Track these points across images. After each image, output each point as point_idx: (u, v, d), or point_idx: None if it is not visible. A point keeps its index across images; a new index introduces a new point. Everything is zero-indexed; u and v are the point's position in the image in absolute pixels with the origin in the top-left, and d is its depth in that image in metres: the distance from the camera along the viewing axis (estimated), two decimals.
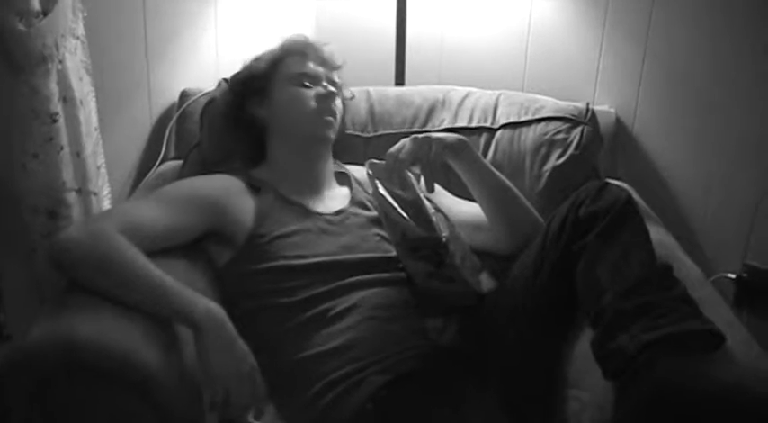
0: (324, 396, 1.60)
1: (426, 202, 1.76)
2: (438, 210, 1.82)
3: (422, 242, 1.72)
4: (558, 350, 1.70)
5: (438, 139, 1.80)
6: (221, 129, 2.10)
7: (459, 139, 1.84)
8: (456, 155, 1.83)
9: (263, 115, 2.01)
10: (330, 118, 1.96)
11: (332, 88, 1.97)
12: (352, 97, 2.17)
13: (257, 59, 2.05)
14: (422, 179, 1.79)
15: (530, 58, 2.52)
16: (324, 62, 2.03)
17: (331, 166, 2.04)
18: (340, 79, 2.06)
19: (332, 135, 1.98)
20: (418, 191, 1.78)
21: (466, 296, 1.77)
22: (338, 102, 2.01)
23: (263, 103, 2.00)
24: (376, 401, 1.56)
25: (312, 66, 2.00)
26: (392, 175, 1.80)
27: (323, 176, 2.00)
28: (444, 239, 1.71)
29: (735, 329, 1.48)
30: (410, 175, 1.80)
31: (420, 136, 1.81)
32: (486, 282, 1.82)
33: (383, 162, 1.82)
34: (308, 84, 1.98)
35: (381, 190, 1.79)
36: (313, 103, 1.95)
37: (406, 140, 1.81)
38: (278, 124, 1.99)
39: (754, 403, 1.30)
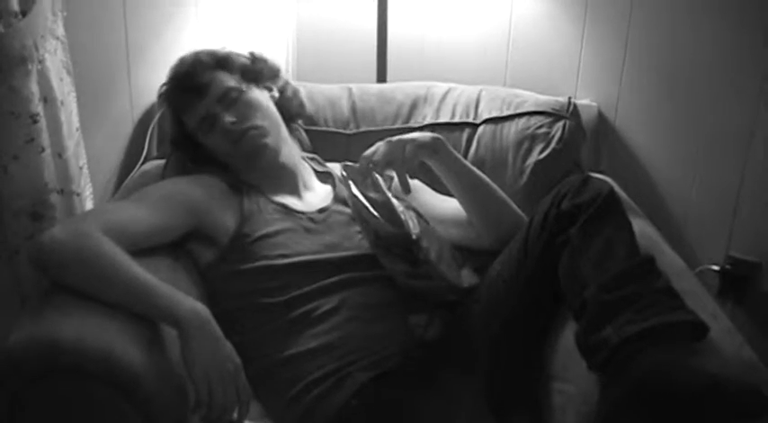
0: (308, 393, 1.60)
1: (395, 202, 1.76)
2: (410, 208, 1.81)
3: (393, 240, 1.72)
4: (542, 343, 1.71)
5: (412, 140, 1.80)
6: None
7: (435, 138, 1.84)
8: (432, 154, 1.83)
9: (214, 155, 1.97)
10: (248, 136, 1.89)
11: (227, 119, 1.89)
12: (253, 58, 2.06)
13: (169, 124, 2.05)
14: (395, 181, 1.80)
15: (511, 53, 2.52)
16: (198, 93, 1.92)
17: (300, 161, 2.02)
18: (237, 79, 1.96)
19: (266, 141, 1.91)
20: (387, 192, 1.78)
21: (448, 292, 1.77)
22: (242, 103, 1.92)
23: (204, 152, 1.98)
24: (361, 398, 1.56)
25: (196, 109, 1.93)
26: (365, 177, 1.80)
27: (298, 175, 1.98)
28: (414, 236, 1.71)
29: (718, 320, 1.49)
30: (379, 177, 1.80)
31: (394, 138, 1.81)
32: (467, 277, 1.82)
33: (358, 165, 1.81)
34: (208, 128, 1.92)
35: (354, 191, 1.79)
36: (227, 144, 1.91)
37: (380, 143, 1.81)
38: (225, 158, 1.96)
39: (738, 393, 1.31)
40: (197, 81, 1.92)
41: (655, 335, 1.36)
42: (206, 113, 1.91)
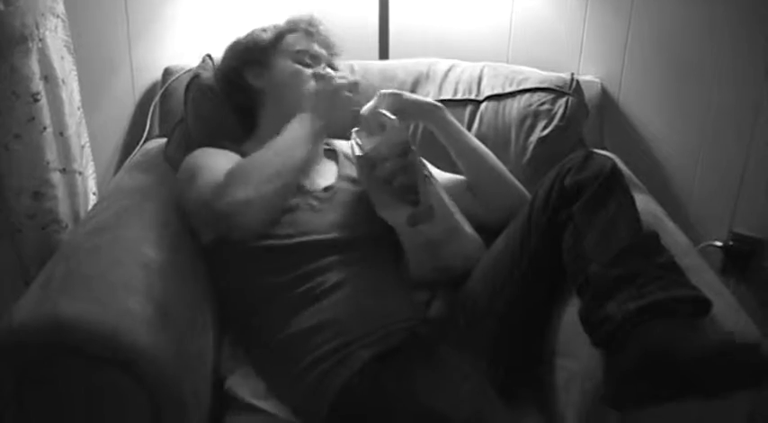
0: (312, 371, 1.60)
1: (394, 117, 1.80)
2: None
3: (390, 149, 1.75)
4: (545, 320, 1.71)
5: (413, 100, 1.91)
6: (208, 103, 2.08)
7: (430, 103, 1.92)
8: (430, 117, 1.91)
9: (259, 86, 2.00)
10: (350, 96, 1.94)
11: (331, 71, 1.99)
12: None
13: (263, 30, 2.06)
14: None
15: (514, 29, 2.51)
16: (327, 45, 2.06)
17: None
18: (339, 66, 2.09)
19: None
20: (391, 117, 1.80)
21: (452, 238, 1.79)
22: None
23: (261, 74, 2.01)
24: (364, 375, 1.56)
25: (316, 46, 2.03)
26: (370, 123, 1.84)
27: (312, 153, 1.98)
28: (411, 144, 1.76)
29: (722, 296, 1.49)
30: (386, 113, 1.82)
31: (387, 91, 1.88)
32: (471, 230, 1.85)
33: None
34: (308, 62, 1.99)
35: (353, 138, 1.85)
36: (312, 83, 1.95)
37: (383, 93, 1.88)
38: (273, 98, 1.99)
39: (738, 360, 1.33)
40: (337, 45, 2.11)
41: (658, 311, 1.37)
42: (316, 53, 2.03)
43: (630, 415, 1.42)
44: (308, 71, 1.97)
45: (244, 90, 2.02)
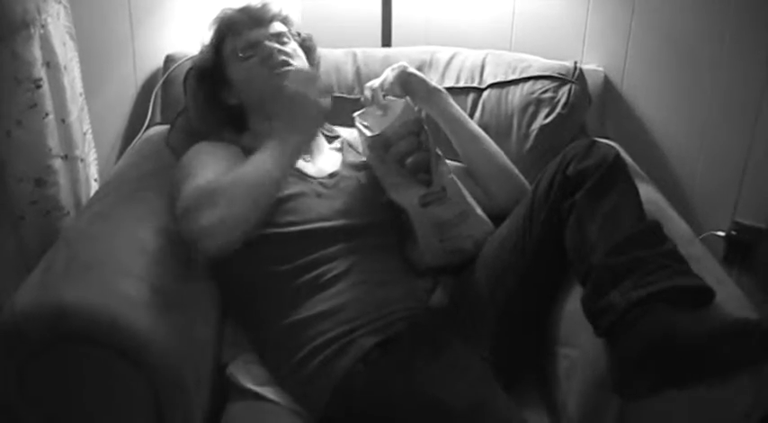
0: (314, 359, 1.60)
1: (407, 100, 1.83)
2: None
3: (405, 127, 1.77)
4: (547, 309, 1.71)
5: (419, 78, 1.90)
6: (203, 103, 2.06)
7: (434, 85, 1.91)
8: (433, 100, 1.90)
9: (235, 102, 1.98)
10: (286, 68, 1.89)
11: (272, 44, 1.92)
12: (308, 37, 2.10)
13: (202, 53, 2.02)
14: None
15: (517, 17, 2.50)
16: (257, 22, 1.97)
17: None
18: (287, 26, 2.01)
19: None
20: (396, 98, 1.83)
21: (462, 219, 1.81)
22: (290, 48, 1.95)
23: (230, 89, 1.97)
24: (366, 363, 1.57)
25: (248, 34, 1.95)
26: (377, 98, 1.86)
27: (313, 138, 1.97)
28: (423, 123, 1.80)
29: (725, 285, 1.49)
30: (391, 97, 1.84)
31: (396, 65, 1.89)
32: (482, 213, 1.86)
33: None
34: (250, 54, 1.92)
35: (358, 121, 1.86)
36: (262, 69, 1.90)
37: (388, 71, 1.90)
38: (250, 101, 1.96)
39: (741, 338, 1.33)
40: (263, 11, 1.99)
41: (660, 300, 1.36)
42: (252, 41, 1.93)
43: (633, 402, 1.42)
44: (256, 60, 1.91)
45: (226, 107, 2.00)
